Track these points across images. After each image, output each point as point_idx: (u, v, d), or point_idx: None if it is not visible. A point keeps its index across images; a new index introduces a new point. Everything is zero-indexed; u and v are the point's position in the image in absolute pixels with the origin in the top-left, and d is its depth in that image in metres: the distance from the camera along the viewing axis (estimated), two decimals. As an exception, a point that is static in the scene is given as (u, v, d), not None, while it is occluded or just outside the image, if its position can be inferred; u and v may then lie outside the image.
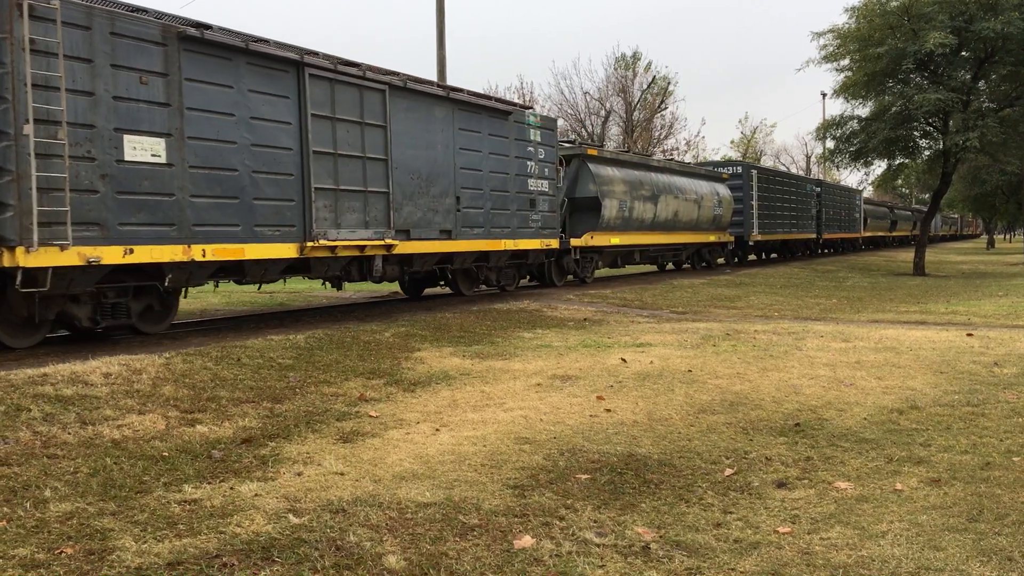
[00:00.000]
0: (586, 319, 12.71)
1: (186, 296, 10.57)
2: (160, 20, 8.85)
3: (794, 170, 69.15)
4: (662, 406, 6.56)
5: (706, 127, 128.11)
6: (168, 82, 8.74)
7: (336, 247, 10.86)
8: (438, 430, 5.88)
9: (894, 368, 8.06)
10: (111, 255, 8.23)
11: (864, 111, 26.78)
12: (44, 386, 6.37)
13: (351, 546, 3.77)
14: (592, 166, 18.39)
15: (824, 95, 55.26)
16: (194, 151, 9.00)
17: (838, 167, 32.14)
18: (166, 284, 9.03)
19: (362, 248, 11.35)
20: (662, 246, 22.33)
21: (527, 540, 3.84)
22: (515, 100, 41.16)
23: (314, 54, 10.61)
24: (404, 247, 12.11)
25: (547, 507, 4.30)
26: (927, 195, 46.06)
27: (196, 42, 9.04)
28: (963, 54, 24.22)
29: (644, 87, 46.43)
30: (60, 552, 3.68)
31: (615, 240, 19.19)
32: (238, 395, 6.86)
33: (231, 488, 4.58)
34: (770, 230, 29.78)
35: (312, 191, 10.41)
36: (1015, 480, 4.63)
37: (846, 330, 11.09)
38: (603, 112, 46.06)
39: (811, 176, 52.98)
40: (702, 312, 14.39)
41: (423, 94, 12.52)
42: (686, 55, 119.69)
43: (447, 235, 13.04)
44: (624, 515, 4.20)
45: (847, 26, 24.69)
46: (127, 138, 8.35)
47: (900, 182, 48.51)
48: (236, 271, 10.11)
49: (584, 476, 4.80)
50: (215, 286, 13.75)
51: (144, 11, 8.85)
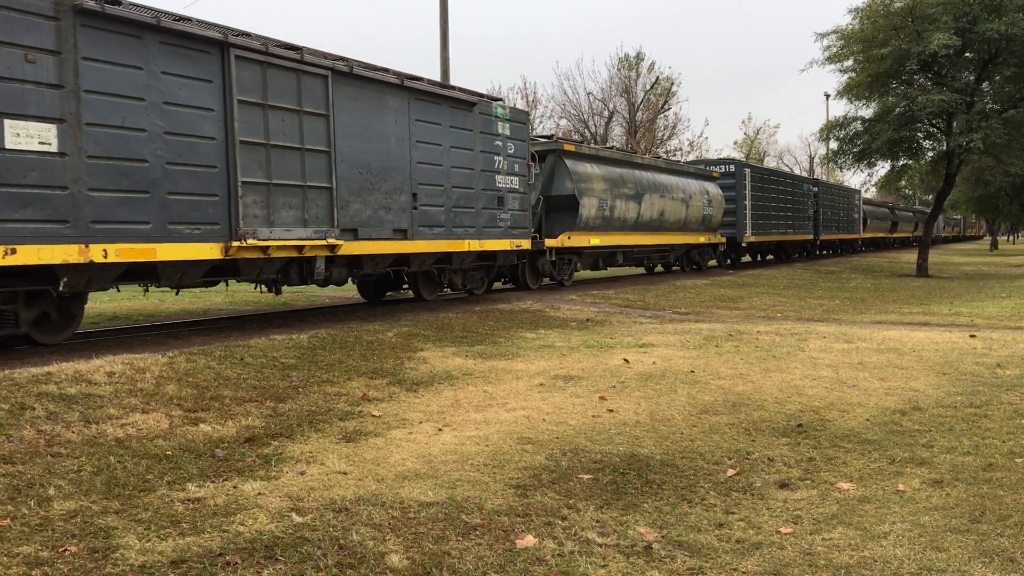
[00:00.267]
0: (589, 319, 12.71)
1: (86, 302, 9.23)
2: None
3: (797, 171, 68.99)
4: (664, 406, 6.57)
5: (709, 128, 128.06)
6: (61, 61, 7.71)
7: (269, 247, 9.75)
8: (441, 430, 5.90)
9: (897, 369, 8.06)
10: None
11: (868, 112, 26.75)
12: (48, 385, 6.38)
13: (354, 545, 3.78)
14: (569, 162, 17.32)
15: (828, 96, 55.18)
16: (94, 139, 7.98)
17: (841, 168, 32.09)
18: (60, 289, 8.03)
19: (300, 249, 10.26)
20: (647, 247, 21.24)
21: (529, 540, 3.85)
22: (518, 101, 41.29)
23: (245, 35, 9.62)
24: (351, 247, 11.02)
25: (549, 507, 4.30)
26: (930, 196, 45.99)
27: (96, 16, 7.99)
28: (967, 55, 24.18)
29: (647, 88, 46.50)
30: (64, 550, 3.70)
31: (595, 241, 18.18)
32: (241, 394, 6.88)
33: (234, 487, 4.60)
34: (764, 231, 28.82)
35: (239, 185, 9.32)
36: (1017, 481, 4.62)
37: (849, 331, 11.08)
38: (606, 113, 46.13)
39: (814, 176, 52.80)
40: (705, 313, 14.39)
41: (374, 81, 11.34)
42: (688, 56, 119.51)
43: (402, 235, 11.95)
44: (626, 515, 4.20)
45: (851, 27, 24.69)
46: (8, 123, 7.34)
47: (904, 183, 48.41)
48: (148, 274, 9.05)
49: (586, 476, 4.81)
50: (116, 290, 11.77)
51: None
